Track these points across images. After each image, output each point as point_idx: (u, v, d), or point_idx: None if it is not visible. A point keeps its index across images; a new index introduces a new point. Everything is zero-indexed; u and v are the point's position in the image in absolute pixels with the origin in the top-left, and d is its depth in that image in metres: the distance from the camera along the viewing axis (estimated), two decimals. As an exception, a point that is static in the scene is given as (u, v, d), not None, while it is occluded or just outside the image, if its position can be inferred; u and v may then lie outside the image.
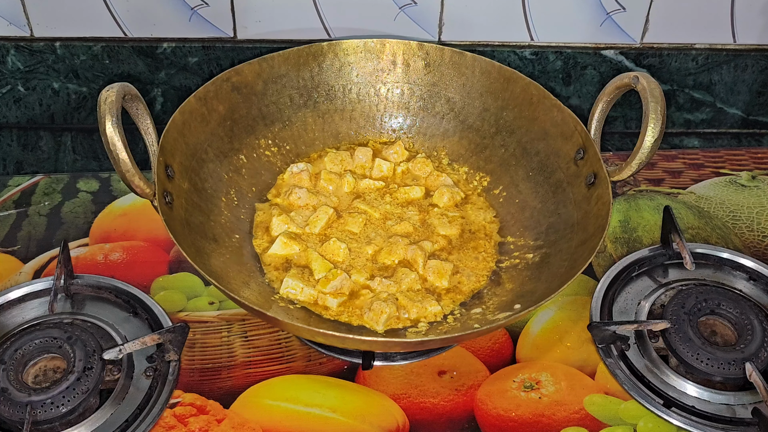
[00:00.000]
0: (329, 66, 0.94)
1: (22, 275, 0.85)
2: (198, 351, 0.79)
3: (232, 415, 0.73)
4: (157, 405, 0.73)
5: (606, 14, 1.00)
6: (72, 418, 0.70)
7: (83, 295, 0.82)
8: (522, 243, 0.85)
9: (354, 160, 0.93)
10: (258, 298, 0.77)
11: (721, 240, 0.93)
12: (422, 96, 0.96)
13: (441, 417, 0.74)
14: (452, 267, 0.81)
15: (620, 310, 0.84)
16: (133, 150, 0.70)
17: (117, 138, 0.68)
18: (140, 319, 0.81)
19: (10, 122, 1.04)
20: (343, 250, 0.82)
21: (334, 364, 0.78)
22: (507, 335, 0.82)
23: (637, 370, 0.78)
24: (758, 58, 1.05)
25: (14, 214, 0.93)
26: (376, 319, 0.76)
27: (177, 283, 0.85)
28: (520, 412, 0.74)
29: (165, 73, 1.01)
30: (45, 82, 1.01)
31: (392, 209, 0.88)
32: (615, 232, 0.94)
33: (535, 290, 0.77)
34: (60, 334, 0.74)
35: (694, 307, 0.80)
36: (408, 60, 0.95)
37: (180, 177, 0.79)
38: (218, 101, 0.86)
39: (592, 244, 0.74)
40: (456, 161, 0.95)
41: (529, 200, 0.88)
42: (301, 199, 0.87)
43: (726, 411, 0.75)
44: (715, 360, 0.76)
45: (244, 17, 0.98)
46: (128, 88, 0.72)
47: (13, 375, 0.71)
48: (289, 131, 0.93)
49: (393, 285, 0.79)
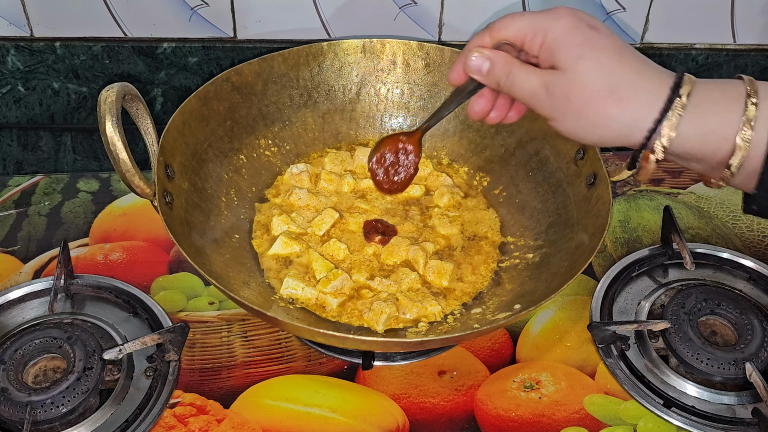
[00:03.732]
0: (329, 66, 0.94)
1: (22, 275, 0.85)
2: (198, 351, 0.79)
3: (232, 415, 0.73)
4: (157, 405, 0.73)
5: (606, 14, 1.00)
6: (72, 418, 0.70)
7: (83, 295, 0.82)
8: (522, 243, 0.85)
9: (354, 161, 0.93)
10: (258, 298, 0.77)
11: (721, 240, 0.93)
12: (422, 96, 0.96)
13: (441, 417, 0.74)
14: (452, 267, 0.81)
15: (620, 310, 0.84)
16: (133, 150, 0.70)
17: (117, 138, 0.68)
18: (140, 319, 0.81)
19: (10, 122, 1.04)
20: (343, 250, 0.82)
21: (334, 364, 0.78)
22: (507, 335, 0.82)
23: (637, 370, 0.78)
24: (758, 58, 1.05)
25: (14, 214, 0.93)
26: (376, 319, 0.76)
27: (177, 283, 0.85)
28: (520, 412, 0.74)
29: (165, 73, 1.01)
30: (45, 82, 1.01)
31: (393, 208, 0.88)
32: (615, 232, 0.94)
33: (535, 290, 0.77)
34: (60, 334, 0.74)
35: (694, 307, 0.80)
36: (408, 60, 0.95)
37: (180, 177, 0.79)
38: (218, 101, 0.86)
39: (592, 244, 0.74)
40: (456, 161, 0.95)
41: (529, 200, 0.88)
42: (302, 200, 0.87)
43: (726, 411, 0.75)
44: (715, 360, 0.76)
45: (244, 17, 0.98)
46: (128, 88, 0.72)
47: (13, 375, 0.71)
48: (289, 131, 0.93)
49: (393, 285, 0.79)
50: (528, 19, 0.56)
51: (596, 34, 0.55)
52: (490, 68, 0.58)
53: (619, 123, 0.55)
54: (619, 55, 0.55)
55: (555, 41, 0.55)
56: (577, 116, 0.55)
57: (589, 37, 0.54)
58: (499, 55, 0.58)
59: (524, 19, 0.57)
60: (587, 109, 0.55)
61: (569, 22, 0.55)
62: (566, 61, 0.55)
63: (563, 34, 0.55)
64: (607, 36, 0.55)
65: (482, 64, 0.58)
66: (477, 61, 0.58)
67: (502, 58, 0.58)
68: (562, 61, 0.55)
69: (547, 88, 0.56)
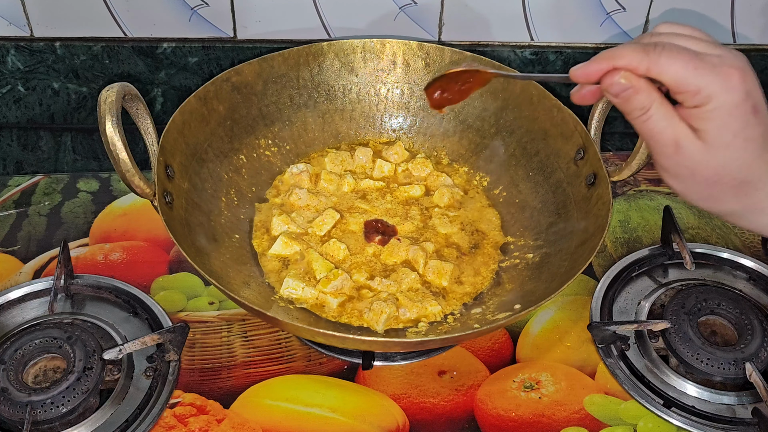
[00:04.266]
0: (329, 66, 0.94)
1: (22, 275, 0.85)
2: (198, 351, 0.79)
3: (232, 415, 0.73)
4: (157, 405, 0.73)
5: (606, 14, 1.00)
6: (72, 418, 0.70)
7: (83, 295, 0.82)
8: (522, 243, 0.85)
9: (354, 161, 0.93)
10: (258, 298, 0.77)
11: (721, 240, 0.93)
12: (422, 96, 0.95)
13: (441, 417, 0.74)
14: (452, 267, 0.81)
15: (620, 310, 0.84)
16: (133, 150, 0.70)
17: (117, 138, 0.68)
18: (140, 319, 0.81)
19: (10, 122, 1.04)
20: (343, 250, 0.82)
21: (334, 364, 0.78)
22: (507, 335, 0.82)
23: (637, 370, 0.78)
24: (758, 58, 1.05)
25: (14, 214, 0.93)
26: (376, 319, 0.76)
27: (177, 283, 0.85)
28: (520, 412, 0.74)
29: (165, 73, 1.01)
30: (45, 82, 1.01)
31: (393, 208, 0.88)
32: (615, 232, 0.94)
33: (535, 290, 0.77)
34: (60, 334, 0.74)
35: (694, 307, 0.80)
36: (408, 60, 0.95)
37: (180, 177, 0.79)
38: (218, 101, 0.86)
39: (592, 244, 0.74)
40: (456, 161, 0.95)
41: (529, 200, 0.88)
42: (302, 200, 0.87)
43: (726, 411, 0.75)
44: (715, 360, 0.76)
45: (244, 17, 0.98)
46: (128, 88, 0.72)
47: (13, 375, 0.71)
48: (289, 131, 0.93)
49: (393, 285, 0.79)
50: (695, 72, 0.51)
51: (754, 121, 0.52)
52: (629, 96, 0.53)
53: (728, 208, 0.55)
54: (763, 150, 0.52)
55: (713, 113, 0.51)
56: (691, 186, 0.54)
57: (747, 124, 0.51)
58: (645, 88, 0.53)
59: (691, 68, 0.51)
60: (706, 189, 0.54)
61: (736, 99, 0.51)
62: (713, 140, 0.52)
63: (725, 112, 0.51)
64: (762, 122, 0.52)
65: (625, 91, 0.53)
66: (622, 86, 0.53)
67: (647, 92, 0.53)
68: (710, 136, 0.52)
69: (679, 148, 0.53)
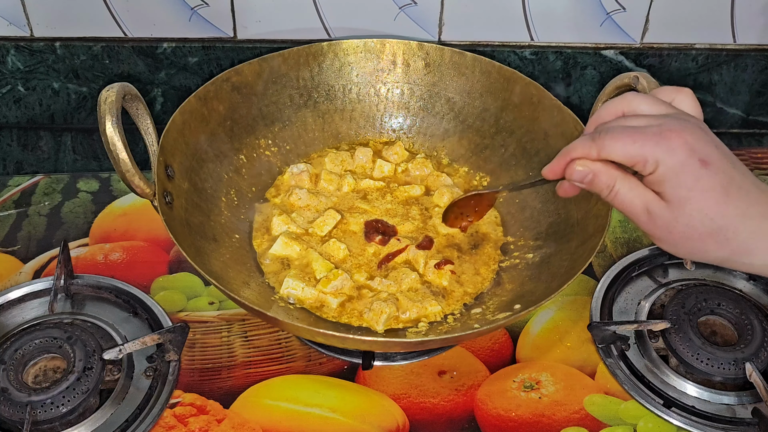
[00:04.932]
0: (329, 66, 0.94)
1: (22, 275, 0.85)
2: (198, 351, 0.79)
3: (232, 415, 0.73)
4: (157, 405, 0.73)
5: (606, 14, 1.00)
6: (72, 418, 0.70)
7: (83, 295, 0.83)
8: (522, 243, 0.85)
9: (354, 161, 0.93)
10: (258, 298, 0.77)
11: (721, 240, 0.93)
12: (422, 96, 0.96)
13: (441, 417, 0.74)
14: (452, 267, 0.81)
15: (620, 310, 0.84)
16: (133, 150, 0.70)
17: (117, 138, 0.68)
18: (140, 319, 0.81)
19: (10, 122, 1.04)
20: (343, 250, 0.82)
21: (334, 364, 0.78)
22: (507, 335, 0.82)
23: (637, 370, 0.78)
24: (758, 58, 1.05)
25: (14, 214, 0.93)
26: (376, 319, 0.76)
27: (177, 283, 0.85)
28: (520, 412, 0.74)
29: (165, 73, 1.01)
30: (45, 82, 1.01)
31: (393, 208, 0.88)
32: (615, 232, 0.94)
33: (535, 290, 0.77)
34: (60, 334, 0.74)
35: (694, 307, 0.80)
36: (408, 60, 0.95)
37: (180, 177, 0.79)
38: (218, 101, 0.86)
39: (592, 244, 0.74)
40: (456, 161, 0.95)
41: (529, 200, 0.88)
42: (302, 200, 0.87)
43: (726, 411, 0.75)
44: (715, 360, 0.76)
45: (244, 17, 0.98)
46: (128, 88, 0.72)
47: (13, 375, 0.71)
48: (289, 131, 0.93)
49: (393, 285, 0.79)
50: (639, 146, 0.56)
51: (706, 173, 0.55)
52: (593, 179, 0.59)
53: (715, 256, 0.58)
54: (726, 196, 0.56)
55: (664, 175, 0.56)
56: (675, 244, 0.58)
57: (699, 177, 0.55)
58: (603, 169, 0.59)
59: (635, 145, 0.56)
60: (686, 244, 0.58)
61: (681, 159, 0.55)
62: (672, 199, 0.56)
63: (674, 173, 0.55)
64: (717, 172, 0.55)
65: (586, 176, 0.59)
66: (581, 173, 0.59)
67: (606, 173, 0.58)
68: (669, 196, 0.56)
69: (650, 213, 0.57)
